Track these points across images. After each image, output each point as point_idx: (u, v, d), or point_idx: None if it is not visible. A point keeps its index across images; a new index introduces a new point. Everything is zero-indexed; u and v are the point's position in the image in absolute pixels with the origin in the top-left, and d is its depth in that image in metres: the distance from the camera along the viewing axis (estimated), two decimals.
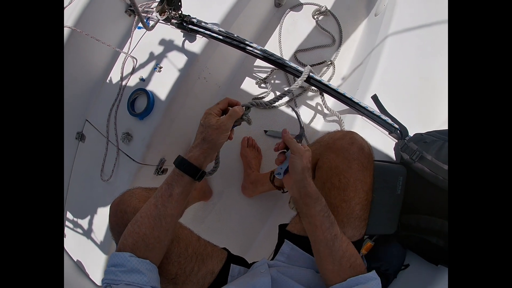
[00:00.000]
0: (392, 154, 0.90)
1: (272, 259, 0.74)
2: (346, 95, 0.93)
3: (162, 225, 0.55)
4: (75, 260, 1.20)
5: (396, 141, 0.91)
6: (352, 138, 0.70)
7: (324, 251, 0.59)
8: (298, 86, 0.82)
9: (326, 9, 1.44)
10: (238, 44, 0.98)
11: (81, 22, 1.02)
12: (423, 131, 0.85)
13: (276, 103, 1.36)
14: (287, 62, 0.95)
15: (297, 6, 1.51)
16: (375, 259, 0.91)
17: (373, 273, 0.59)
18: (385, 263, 0.89)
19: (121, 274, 0.50)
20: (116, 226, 0.64)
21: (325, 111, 1.14)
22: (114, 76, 1.15)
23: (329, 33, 1.44)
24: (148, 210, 0.56)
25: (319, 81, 0.94)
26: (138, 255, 0.53)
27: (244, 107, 0.63)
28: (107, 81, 1.16)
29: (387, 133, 0.93)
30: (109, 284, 0.49)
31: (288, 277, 0.63)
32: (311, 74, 0.94)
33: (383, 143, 0.92)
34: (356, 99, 0.93)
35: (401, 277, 0.82)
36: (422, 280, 0.79)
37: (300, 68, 0.96)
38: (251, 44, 0.96)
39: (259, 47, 0.97)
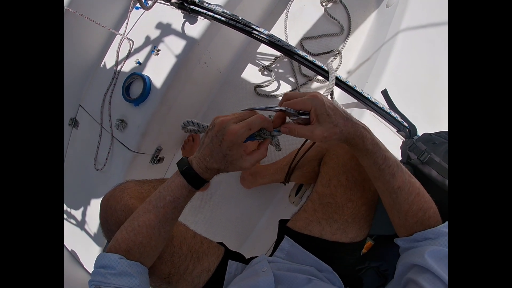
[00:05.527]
0: (398, 153, 0.87)
1: (271, 255, 0.71)
2: (356, 89, 0.88)
3: (160, 234, 0.52)
4: (70, 250, 1.18)
5: (404, 139, 0.87)
6: None
7: (387, 202, 0.54)
8: (331, 90, 0.78)
9: None
10: (243, 27, 0.91)
11: (75, 2, 0.95)
12: (432, 131, 0.82)
13: (279, 91, 1.32)
14: (295, 49, 0.89)
15: None
16: (375, 259, 0.89)
17: (445, 226, 0.50)
18: (385, 262, 0.88)
19: (110, 276, 0.47)
20: (106, 223, 0.61)
21: None
22: (109, 59, 1.08)
23: (338, 22, 1.37)
24: (147, 220, 0.51)
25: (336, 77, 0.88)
26: (130, 259, 0.50)
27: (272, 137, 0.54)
28: (102, 64, 1.09)
29: (394, 130, 0.90)
30: (98, 287, 0.46)
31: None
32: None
33: (390, 141, 0.89)
34: (366, 93, 0.89)
35: None
36: None
37: (310, 58, 0.89)
38: (258, 29, 0.90)
39: (267, 32, 0.90)
